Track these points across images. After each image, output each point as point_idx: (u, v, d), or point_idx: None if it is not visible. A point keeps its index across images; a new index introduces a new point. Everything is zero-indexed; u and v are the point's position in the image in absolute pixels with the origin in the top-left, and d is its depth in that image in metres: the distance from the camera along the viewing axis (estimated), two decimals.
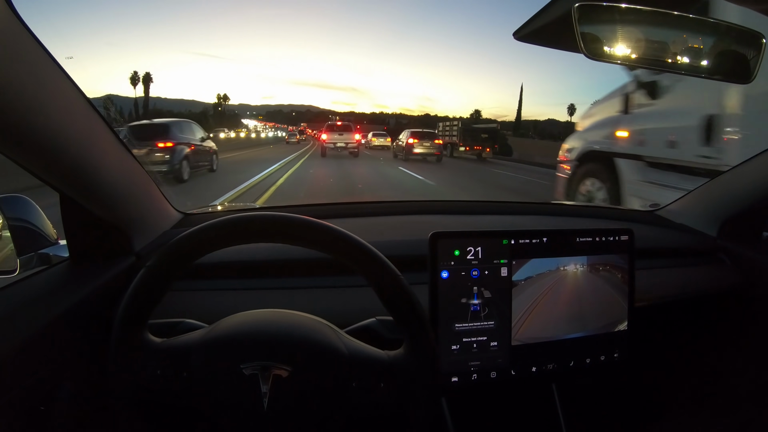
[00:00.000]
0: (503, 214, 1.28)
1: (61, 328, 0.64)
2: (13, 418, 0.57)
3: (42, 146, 0.57)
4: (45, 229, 0.80)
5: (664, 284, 1.05)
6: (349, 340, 0.61)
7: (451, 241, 0.74)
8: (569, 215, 1.36)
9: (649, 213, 1.35)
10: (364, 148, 22.73)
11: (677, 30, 0.74)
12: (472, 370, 0.76)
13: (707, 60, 0.75)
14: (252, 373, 0.55)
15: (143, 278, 0.56)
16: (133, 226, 0.82)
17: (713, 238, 1.18)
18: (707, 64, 0.75)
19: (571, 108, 70.25)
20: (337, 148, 17.79)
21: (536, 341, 0.79)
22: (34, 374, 0.60)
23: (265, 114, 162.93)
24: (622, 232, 0.84)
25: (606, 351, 0.84)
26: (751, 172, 1.08)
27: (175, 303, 0.73)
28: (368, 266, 0.57)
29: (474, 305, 0.75)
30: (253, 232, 0.58)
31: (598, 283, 0.82)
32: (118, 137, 0.74)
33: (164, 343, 0.58)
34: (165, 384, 0.56)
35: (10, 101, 0.50)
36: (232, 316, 0.61)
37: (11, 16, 0.49)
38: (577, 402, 0.91)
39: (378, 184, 9.97)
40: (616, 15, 0.72)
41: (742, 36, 0.74)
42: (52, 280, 0.73)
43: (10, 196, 0.77)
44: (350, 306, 0.79)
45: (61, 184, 0.67)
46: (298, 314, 0.63)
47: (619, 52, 0.72)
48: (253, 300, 0.78)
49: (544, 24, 0.76)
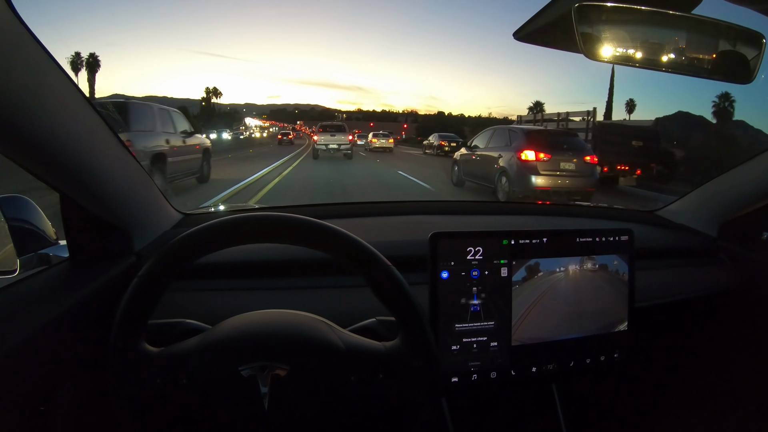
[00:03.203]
0: (503, 214, 1.28)
1: (61, 328, 0.64)
2: (13, 418, 0.57)
3: (42, 146, 0.57)
4: (45, 229, 0.81)
5: (664, 284, 1.05)
6: (345, 335, 0.61)
7: (451, 241, 0.74)
8: (569, 215, 1.36)
9: (649, 213, 1.35)
10: (365, 150, 21.31)
11: (677, 30, 0.74)
12: (472, 371, 0.76)
13: (707, 60, 0.75)
14: (250, 375, 0.55)
15: (136, 287, 0.56)
16: (133, 226, 0.82)
17: (713, 238, 1.18)
18: (707, 65, 0.75)
19: (630, 104, 53.42)
20: (329, 149, 15.59)
21: (536, 341, 0.79)
22: (34, 374, 0.60)
23: (269, 113, 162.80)
24: (622, 233, 0.84)
25: (606, 351, 0.84)
26: (751, 173, 1.08)
27: (175, 303, 0.73)
28: (358, 259, 0.58)
29: (474, 305, 0.75)
30: (248, 233, 0.58)
31: (598, 284, 0.82)
32: (118, 137, 0.74)
33: (162, 353, 0.58)
34: (164, 392, 0.57)
35: (9, 101, 0.50)
36: (226, 321, 0.61)
37: (11, 16, 0.49)
38: (577, 402, 0.91)
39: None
40: (615, 15, 0.72)
41: (742, 36, 0.74)
42: (52, 280, 0.73)
43: (10, 196, 0.77)
44: (350, 306, 0.79)
45: (61, 184, 0.67)
46: (292, 313, 0.63)
47: (618, 53, 0.72)
48: (253, 300, 0.78)
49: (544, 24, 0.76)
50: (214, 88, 79.96)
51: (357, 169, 12.69)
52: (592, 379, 0.99)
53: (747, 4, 0.61)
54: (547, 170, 6.49)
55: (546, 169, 6.48)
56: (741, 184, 1.11)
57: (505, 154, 6.88)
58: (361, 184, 9.22)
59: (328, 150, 15.55)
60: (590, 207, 1.61)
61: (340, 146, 15.63)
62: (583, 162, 6.74)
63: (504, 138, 7.34)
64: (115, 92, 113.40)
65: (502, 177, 6.86)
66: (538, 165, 6.48)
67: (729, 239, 1.16)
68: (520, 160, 6.55)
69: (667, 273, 1.09)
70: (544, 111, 26.96)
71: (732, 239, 1.16)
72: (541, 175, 6.45)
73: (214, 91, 78.35)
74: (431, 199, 1.42)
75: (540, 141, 6.81)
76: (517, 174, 6.59)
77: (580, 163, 6.72)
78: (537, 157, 6.48)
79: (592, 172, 6.82)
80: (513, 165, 6.65)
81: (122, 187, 0.77)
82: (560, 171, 6.59)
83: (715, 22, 0.72)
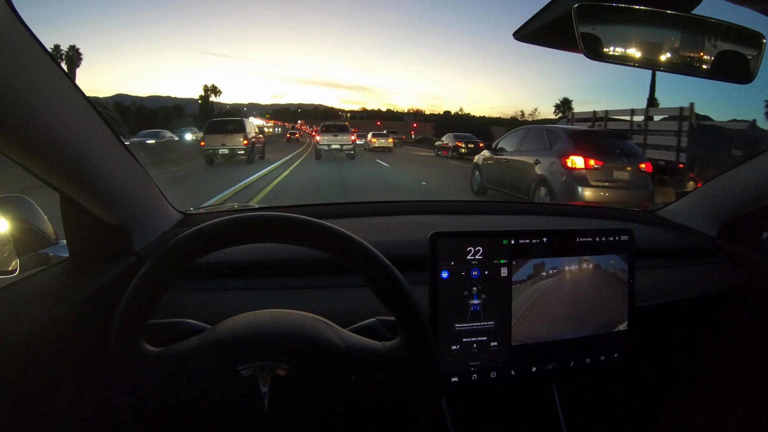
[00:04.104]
0: (503, 214, 1.28)
1: (61, 328, 0.64)
2: (13, 418, 0.57)
3: (42, 146, 0.57)
4: (45, 229, 0.81)
5: (664, 284, 1.05)
6: (345, 334, 0.61)
7: (451, 241, 0.74)
8: (569, 215, 1.36)
9: (649, 213, 1.35)
10: (367, 150, 21.15)
11: (677, 30, 0.74)
12: (472, 370, 0.76)
13: (707, 60, 0.74)
14: (250, 375, 0.55)
15: (136, 287, 0.56)
16: (133, 226, 0.82)
17: (713, 238, 1.18)
18: (707, 65, 0.75)
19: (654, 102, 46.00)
20: (332, 150, 15.59)
21: (536, 341, 0.79)
22: (34, 374, 0.60)
23: (272, 112, 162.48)
24: (622, 232, 0.84)
25: (606, 351, 0.84)
26: (751, 173, 1.08)
27: (176, 303, 0.73)
28: (358, 259, 0.58)
29: (474, 305, 0.75)
30: (248, 233, 0.58)
31: (598, 283, 0.82)
32: (119, 137, 0.74)
33: (162, 353, 0.58)
34: (165, 392, 0.57)
35: (10, 101, 0.50)
36: (226, 320, 0.61)
37: (11, 16, 0.49)
38: (577, 402, 0.91)
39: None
40: (616, 15, 0.72)
41: (742, 36, 0.74)
42: (52, 280, 0.73)
43: (10, 196, 0.77)
44: (350, 306, 0.79)
45: (62, 184, 0.67)
46: (292, 312, 0.63)
47: (619, 53, 0.72)
48: (253, 300, 0.78)
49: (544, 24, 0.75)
50: (213, 86, 76.14)
51: (363, 174, 11.34)
52: (592, 379, 0.99)
53: (747, 4, 0.61)
54: (599, 181, 5.26)
55: (597, 180, 5.25)
56: (741, 184, 1.11)
57: (544, 160, 5.64)
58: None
59: (331, 150, 15.58)
60: (590, 207, 1.61)
61: (343, 146, 15.59)
62: (638, 171, 5.48)
63: (541, 140, 6.01)
64: (118, 92, 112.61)
65: (540, 187, 5.60)
66: (588, 174, 5.23)
67: (729, 239, 1.16)
68: (566, 167, 5.28)
69: (667, 273, 1.09)
70: (572, 109, 24.34)
71: (732, 239, 1.16)
72: (591, 186, 5.16)
73: (213, 89, 74.57)
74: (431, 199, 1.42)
75: (589, 144, 5.50)
76: (562, 185, 5.29)
77: (634, 171, 5.44)
78: (587, 164, 5.24)
79: (647, 182, 5.62)
80: (556, 173, 5.41)
81: (122, 187, 0.77)
82: (613, 182, 5.33)
83: (715, 22, 0.72)
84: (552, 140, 5.84)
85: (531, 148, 6.16)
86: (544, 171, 5.62)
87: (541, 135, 6.15)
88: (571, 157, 5.29)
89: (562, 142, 5.63)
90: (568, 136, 5.67)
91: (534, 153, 5.95)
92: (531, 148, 6.14)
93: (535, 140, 6.20)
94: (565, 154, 5.38)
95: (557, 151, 5.57)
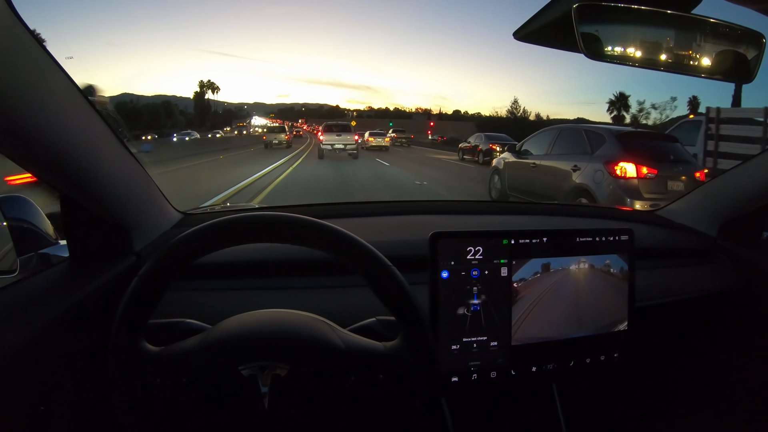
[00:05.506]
0: (503, 214, 1.28)
1: (61, 328, 0.64)
2: (13, 418, 0.57)
3: (42, 146, 0.57)
4: (45, 229, 0.81)
5: (664, 284, 1.05)
6: (346, 335, 0.61)
7: (451, 241, 0.74)
8: (569, 215, 1.36)
9: (650, 213, 1.35)
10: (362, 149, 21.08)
11: (677, 30, 0.74)
12: (472, 370, 0.76)
13: (707, 60, 0.74)
14: (251, 375, 0.55)
15: (136, 287, 0.56)
16: (133, 226, 0.82)
17: (713, 238, 1.18)
18: (707, 64, 0.75)
19: (694, 102, 38.64)
20: (335, 149, 15.60)
21: (536, 341, 0.79)
22: (34, 374, 0.60)
23: (276, 112, 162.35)
24: (622, 232, 0.84)
25: (606, 351, 0.84)
26: (752, 173, 1.08)
27: (176, 303, 0.73)
28: (358, 259, 0.58)
29: (474, 305, 0.75)
30: (248, 233, 0.58)
31: (598, 283, 0.82)
32: (119, 137, 0.74)
33: (162, 352, 0.58)
34: (165, 392, 0.56)
35: (10, 101, 0.50)
36: (226, 320, 0.61)
37: (11, 16, 0.49)
38: (577, 402, 0.91)
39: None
40: (615, 15, 0.72)
41: (742, 36, 0.74)
42: (52, 280, 0.73)
43: (10, 196, 0.77)
44: (350, 306, 0.79)
45: (61, 183, 0.67)
46: (293, 312, 0.63)
47: (618, 52, 0.72)
48: (253, 300, 0.78)
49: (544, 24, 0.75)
50: (209, 82, 67.27)
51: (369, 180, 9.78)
52: (592, 379, 0.99)
53: (747, 4, 0.61)
54: (653, 193, 4.30)
55: (651, 191, 4.31)
56: (741, 184, 1.11)
57: (584, 166, 4.68)
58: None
59: (334, 150, 15.65)
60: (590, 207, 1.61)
61: (346, 146, 15.63)
62: (694, 180, 4.52)
63: (580, 142, 5.00)
64: (124, 92, 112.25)
65: (580, 198, 4.62)
66: (641, 184, 4.32)
67: (729, 239, 1.16)
68: (614, 175, 4.34)
69: (667, 273, 1.09)
70: (629, 105, 20.53)
71: (732, 239, 1.16)
72: (644, 200, 4.25)
73: (210, 85, 66.18)
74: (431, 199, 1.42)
75: (640, 149, 4.56)
76: (608, 196, 4.34)
77: (689, 182, 4.49)
78: (639, 172, 4.33)
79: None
80: (601, 183, 4.44)
81: (122, 186, 0.77)
82: (667, 194, 4.28)
83: (715, 22, 0.72)
84: (593, 143, 4.83)
85: (566, 151, 5.15)
86: (584, 179, 4.64)
87: (578, 136, 5.12)
88: (621, 164, 4.37)
89: (607, 146, 4.63)
90: (615, 139, 4.66)
91: (570, 157, 4.95)
92: (566, 152, 5.13)
93: (570, 142, 5.20)
94: (613, 160, 4.43)
95: (602, 156, 4.58)
